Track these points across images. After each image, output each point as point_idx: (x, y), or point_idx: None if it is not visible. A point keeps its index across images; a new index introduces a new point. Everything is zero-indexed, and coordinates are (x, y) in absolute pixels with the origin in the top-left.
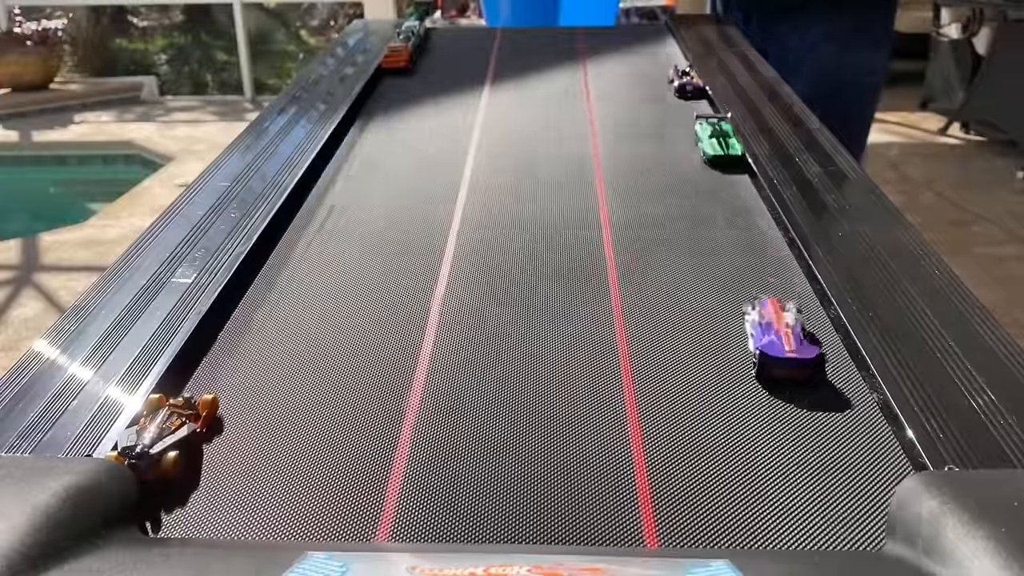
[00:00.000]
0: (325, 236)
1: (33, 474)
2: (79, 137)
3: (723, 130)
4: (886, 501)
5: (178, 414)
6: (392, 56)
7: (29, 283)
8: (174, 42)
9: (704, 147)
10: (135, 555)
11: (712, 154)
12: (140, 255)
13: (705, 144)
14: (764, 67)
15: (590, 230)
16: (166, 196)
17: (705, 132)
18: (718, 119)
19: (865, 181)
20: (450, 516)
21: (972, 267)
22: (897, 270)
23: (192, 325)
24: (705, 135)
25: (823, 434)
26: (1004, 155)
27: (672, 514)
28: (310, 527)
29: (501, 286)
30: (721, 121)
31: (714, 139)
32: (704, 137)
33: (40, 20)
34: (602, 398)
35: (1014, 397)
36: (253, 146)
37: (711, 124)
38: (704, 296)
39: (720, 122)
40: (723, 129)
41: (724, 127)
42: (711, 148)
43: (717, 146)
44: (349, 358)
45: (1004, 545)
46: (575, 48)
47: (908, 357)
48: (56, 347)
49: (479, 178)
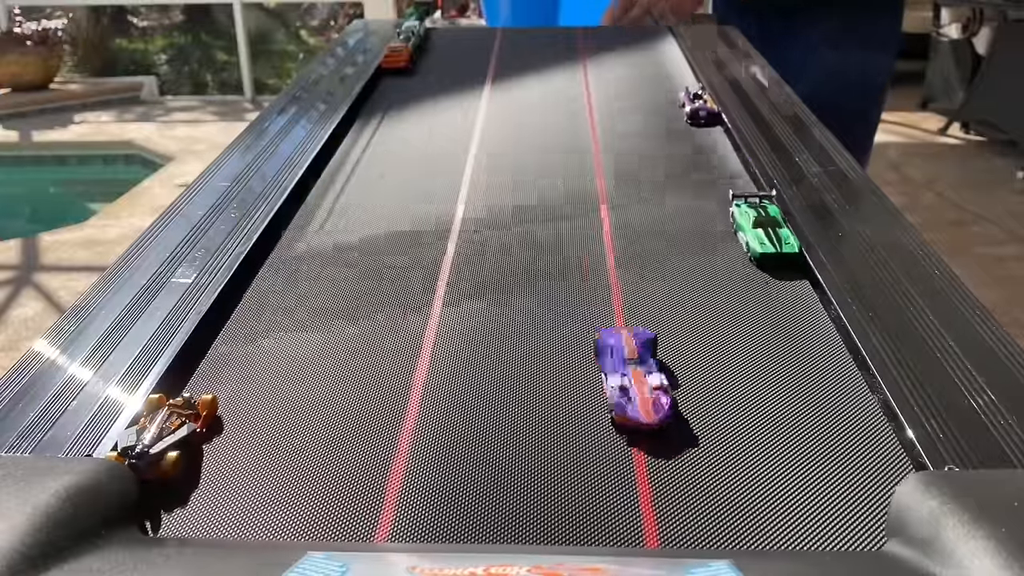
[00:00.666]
0: (325, 236)
1: (33, 474)
2: (79, 137)
3: (770, 216)
4: (886, 501)
5: (178, 414)
6: (392, 56)
7: (29, 283)
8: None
9: (750, 242)
10: (135, 555)
11: (760, 252)
12: (140, 255)
13: (750, 236)
14: (764, 66)
15: (590, 229)
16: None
17: (746, 219)
18: (760, 198)
19: (865, 181)
20: (450, 516)
21: (972, 267)
22: (897, 270)
23: (192, 325)
24: (746, 222)
25: (823, 434)
26: (1004, 155)
27: (673, 514)
28: (310, 527)
29: (502, 285)
30: (764, 200)
31: (760, 230)
32: (746, 225)
33: (40, 20)
34: (602, 398)
35: (1014, 397)
36: (253, 146)
37: (752, 207)
38: (705, 295)
39: (763, 202)
40: (770, 215)
41: (771, 211)
42: (758, 244)
43: (766, 240)
44: (349, 358)
45: (1004, 545)
46: (575, 48)
47: (908, 357)
48: (56, 347)
49: (480, 177)
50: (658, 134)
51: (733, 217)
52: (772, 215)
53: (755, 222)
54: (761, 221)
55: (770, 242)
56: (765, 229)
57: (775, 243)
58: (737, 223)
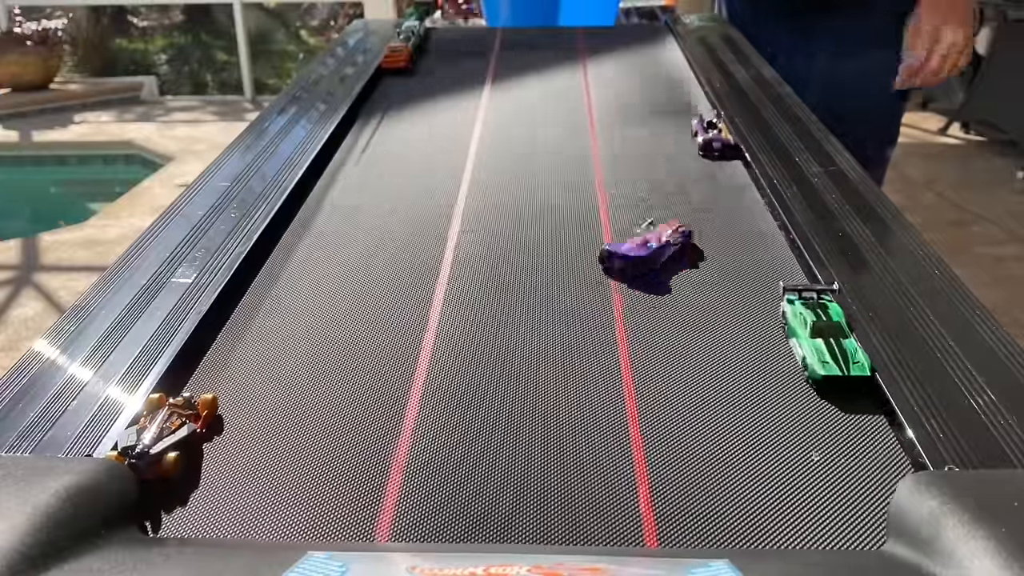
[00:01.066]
0: (325, 236)
1: (33, 474)
2: (79, 137)
3: (832, 322)
4: (886, 501)
5: (178, 414)
6: (392, 56)
7: (29, 283)
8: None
9: (807, 357)
10: (135, 555)
11: (823, 374)
12: (140, 255)
13: (807, 350)
14: (763, 65)
15: (590, 229)
16: (166, 196)
17: (801, 323)
18: (818, 292)
19: (865, 181)
20: (450, 516)
21: (972, 267)
22: (897, 270)
23: (192, 325)
24: (801, 327)
25: (823, 434)
26: (1004, 155)
27: (672, 514)
28: (310, 527)
29: (502, 285)
30: (822, 295)
31: (821, 341)
32: (801, 332)
33: (40, 20)
34: (602, 398)
35: (1014, 397)
36: (253, 146)
37: (809, 306)
38: (705, 295)
39: (821, 298)
40: (832, 320)
41: (832, 312)
42: (819, 363)
43: (828, 357)
44: (349, 357)
45: (1004, 545)
46: (575, 48)
47: (908, 357)
48: (56, 347)
49: (480, 177)
50: (659, 134)
51: (784, 316)
52: (834, 319)
53: (814, 329)
54: (821, 328)
55: (834, 359)
56: (827, 340)
57: (840, 361)
58: (789, 326)
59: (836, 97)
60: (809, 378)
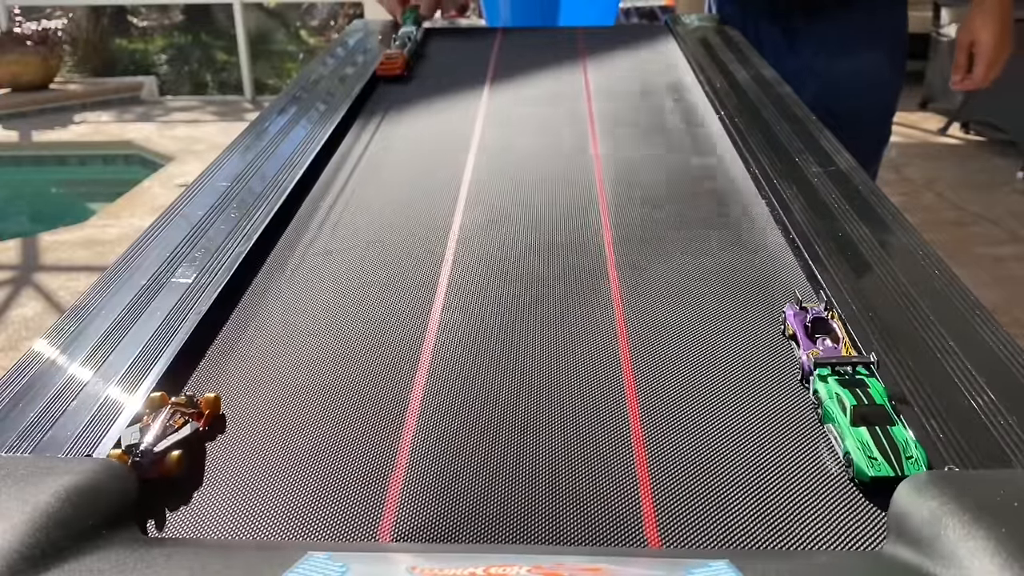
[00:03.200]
0: (325, 236)
1: (33, 474)
2: (79, 137)
3: (875, 404)
4: (886, 501)
5: (181, 412)
6: (388, 63)
7: (29, 283)
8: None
9: (851, 451)
10: (135, 555)
11: (872, 474)
12: (140, 255)
13: (849, 442)
14: (763, 65)
15: (590, 230)
16: (166, 196)
17: (838, 407)
18: (853, 366)
19: (865, 181)
20: (451, 516)
21: (972, 267)
22: (897, 270)
23: (192, 325)
24: (840, 415)
25: (823, 434)
26: (1004, 155)
27: (673, 514)
28: (311, 527)
29: (502, 286)
30: (859, 369)
31: (865, 431)
32: (840, 420)
33: (40, 20)
34: (603, 398)
35: (1014, 397)
36: (253, 146)
37: (845, 384)
38: (705, 295)
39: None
40: (874, 402)
41: (874, 392)
42: (867, 461)
43: (876, 451)
44: (350, 357)
45: (1004, 545)
46: (575, 48)
47: (908, 357)
48: (56, 347)
49: (480, 177)
50: (659, 134)
51: (816, 396)
52: (878, 402)
53: (854, 415)
54: (864, 413)
55: (882, 454)
56: (871, 429)
57: (891, 457)
58: (824, 409)
59: (825, 97)
60: (855, 478)
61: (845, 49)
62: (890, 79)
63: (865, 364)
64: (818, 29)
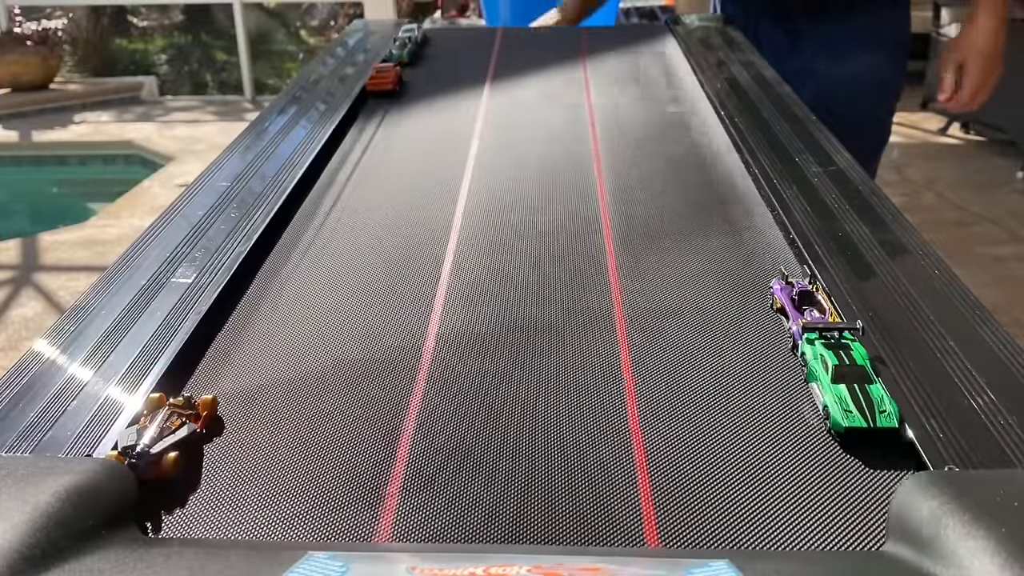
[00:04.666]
0: (325, 236)
1: (33, 474)
2: (79, 137)
3: (856, 364)
4: (886, 501)
5: (178, 414)
6: (378, 78)
7: (29, 283)
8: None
9: (829, 406)
10: (135, 555)
11: (846, 425)
12: (140, 255)
13: (828, 397)
14: (763, 65)
15: (591, 231)
16: (166, 196)
17: (821, 368)
18: (839, 332)
19: (865, 181)
20: (451, 516)
21: (972, 267)
22: (897, 270)
23: (192, 325)
24: (823, 373)
25: (823, 434)
26: (1004, 155)
27: (673, 514)
28: (310, 527)
29: (502, 286)
30: (845, 334)
31: (844, 387)
32: (822, 377)
33: (40, 20)
34: (603, 398)
35: (1014, 397)
36: (253, 146)
37: (830, 347)
38: (705, 295)
39: (844, 337)
40: (856, 364)
41: (857, 354)
42: (842, 412)
43: (851, 404)
44: (349, 357)
45: (1004, 545)
46: (575, 48)
47: (908, 357)
48: (56, 347)
49: (480, 176)
50: (659, 133)
51: (803, 358)
52: (859, 363)
53: (836, 374)
54: (844, 372)
55: (858, 408)
56: (850, 386)
57: (866, 411)
58: (809, 369)
59: (826, 98)
60: (831, 428)
61: (847, 50)
62: (891, 80)
63: (851, 329)
64: (821, 30)
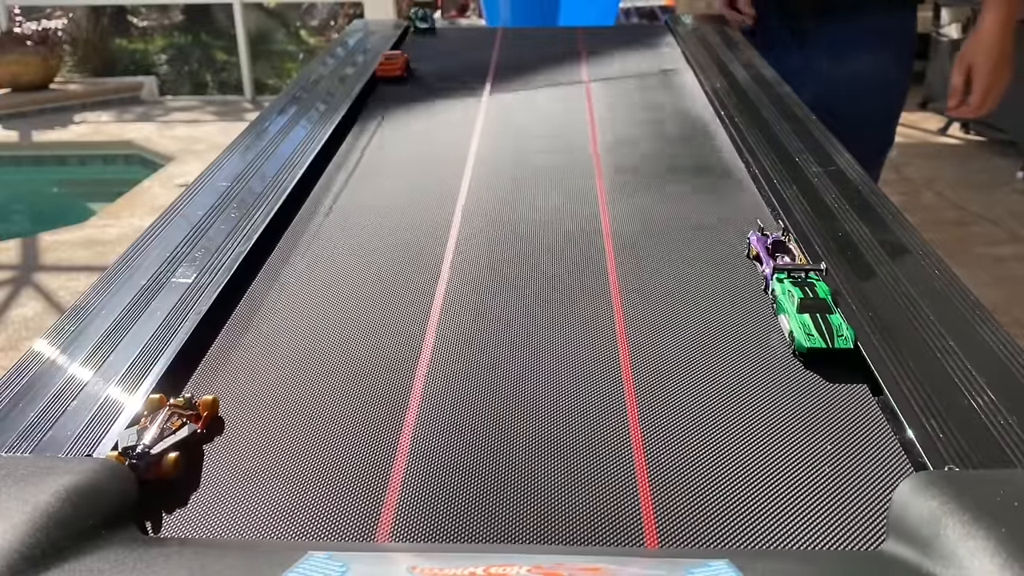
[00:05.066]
0: (325, 236)
1: (33, 474)
2: (79, 137)
3: (819, 298)
4: (886, 501)
5: (179, 414)
6: (387, 64)
7: (29, 283)
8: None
9: (794, 331)
10: (135, 555)
11: (808, 346)
12: (140, 255)
13: (794, 324)
14: (763, 65)
15: (591, 233)
16: (166, 196)
17: (789, 300)
18: (806, 272)
19: (865, 181)
20: (450, 516)
21: (972, 267)
22: (897, 270)
23: (192, 325)
24: (790, 303)
25: (823, 434)
26: (1004, 155)
27: (672, 514)
28: (310, 527)
29: (502, 287)
30: (811, 275)
31: (807, 316)
32: (789, 308)
33: (40, 20)
34: (603, 399)
35: (1014, 397)
36: (253, 146)
37: (797, 283)
38: (705, 295)
39: (810, 277)
40: (819, 296)
41: (820, 290)
42: (804, 336)
43: (813, 330)
44: (349, 358)
45: (1004, 545)
46: (575, 48)
47: (908, 357)
48: (56, 347)
49: (480, 177)
50: (659, 133)
51: (773, 294)
52: (821, 296)
53: (801, 305)
54: (808, 304)
55: (819, 333)
56: (813, 314)
57: (825, 335)
58: (778, 303)
59: (830, 98)
60: (795, 351)
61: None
62: (897, 81)
63: (816, 270)
64: (827, 30)
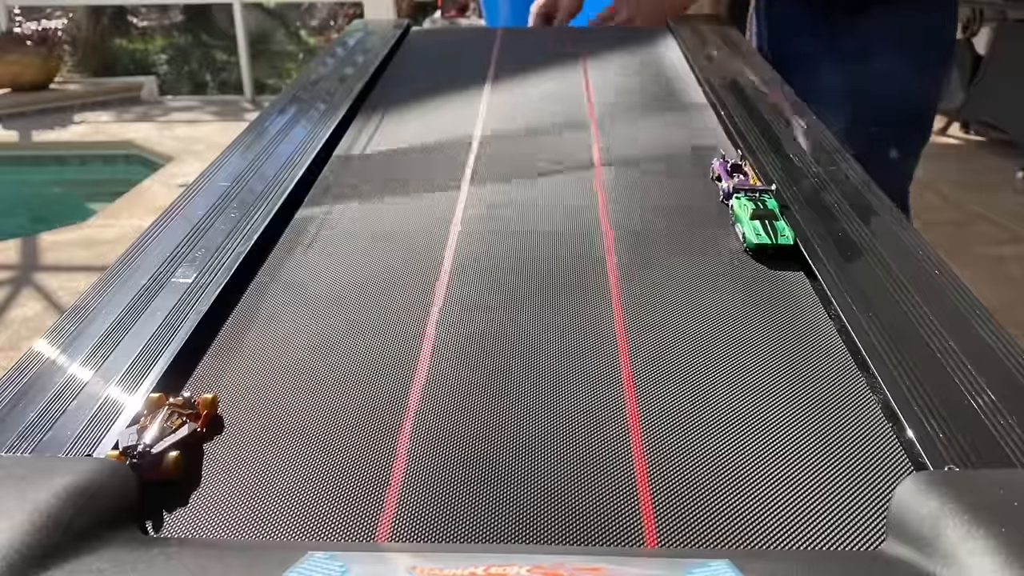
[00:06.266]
0: (325, 236)
1: (33, 473)
2: (79, 137)
3: (768, 209)
4: (886, 501)
5: (179, 413)
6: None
7: (29, 283)
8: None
9: (746, 232)
10: (135, 555)
11: (756, 243)
12: (140, 255)
13: (746, 227)
14: (763, 65)
15: (591, 233)
16: (166, 196)
17: (744, 210)
18: (759, 192)
19: (865, 181)
20: (450, 516)
21: (972, 267)
22: (897, 270)
23: (192, 325)
24: (744, 213)
25: (823, 434)
26: (1004, 155)
27: (672, 514)
28: (310, 527)
29: (502, 288)
30: (763, 195)
31: (757, 222)
32: (743, 217)
33: (40, 20)
34: (602, 399)
35: (1014, 397)
36: (253, 146)
37: (751, 200)
38: (704, 296)
39: (763, 196)
40: (768, 207)
41: (769, 204)
42: (754, 234)
43: (762, 231)
44: (349, 357)
45: (1004, 545)
46: (575, 48)
47: (908, 357)
48: (56, 347)
49: (480, 176)
50: (659, 132)
51: (732, 209)
52: (770, 208)
53: (753, 214)
54: (759, 214)
55: (766, 233)
56: (762, 221)
57: (771, 235)
58: (735, 214)
59: (868, 97)
60: (746, 248)
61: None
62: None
63: (768, 191)
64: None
